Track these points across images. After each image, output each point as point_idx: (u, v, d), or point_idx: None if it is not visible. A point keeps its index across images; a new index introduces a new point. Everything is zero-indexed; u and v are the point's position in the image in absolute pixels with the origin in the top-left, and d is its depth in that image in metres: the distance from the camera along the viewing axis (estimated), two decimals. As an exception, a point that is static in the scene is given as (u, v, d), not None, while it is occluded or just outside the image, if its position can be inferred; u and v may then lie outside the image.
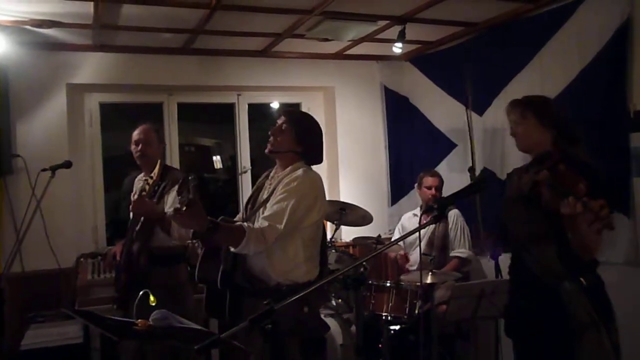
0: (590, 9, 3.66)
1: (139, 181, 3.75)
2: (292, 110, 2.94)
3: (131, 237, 3.50)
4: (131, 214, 3.65)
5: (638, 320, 3.17)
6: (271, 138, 2.80)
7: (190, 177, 2.35)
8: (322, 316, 3.23)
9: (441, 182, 4.53)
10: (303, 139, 2.78)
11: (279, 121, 2.82)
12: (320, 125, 2.97)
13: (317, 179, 2.76)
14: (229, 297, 2.74)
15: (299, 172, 2.70)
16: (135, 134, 3.64)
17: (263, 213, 2.67)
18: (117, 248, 3.74)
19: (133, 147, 3.65)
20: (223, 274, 2.72)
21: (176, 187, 3.46)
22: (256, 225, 2.60)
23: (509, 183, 2.77)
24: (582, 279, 2.47)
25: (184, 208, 2.28)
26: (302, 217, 2.65)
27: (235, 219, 3.00)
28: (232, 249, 2.62)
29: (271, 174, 2.89)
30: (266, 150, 2.83)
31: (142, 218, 3.46)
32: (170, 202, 3.46)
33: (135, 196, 3.54)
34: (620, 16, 3.46)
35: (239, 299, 2.72)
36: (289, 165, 2.78)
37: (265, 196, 2.77)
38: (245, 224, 2.59)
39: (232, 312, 2.72)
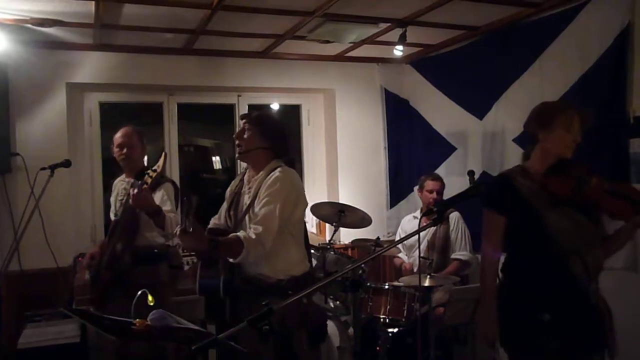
0: (591, 14, 3.67)
1: (121, 182, 3.79)
2: (250, 112, 3.07)
3: (115, 236, 3.52)
4: (112, 216, 3.71)
5: (636, 326, 3.17)
6: (237, 142, 2.87)
7: (193, 198, 2.39)
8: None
9: (443, 185, 4.54)
10: (267, 134, 2.85)
11: (240, 125, 2.91)
12: (282, 121, 3.09)
13: (295, 176, 2.85)
14: (229, 303, 2.81)
15: (277, 173, 2.75)
16: (118, 137, 3.68)
17: (251, 219, 2.72)
18: (94, 249, 3.75)
19: (116, 150, 3.69)
20: (225, 283, 2.78)
21: (162, 187, 3.49)
22: (249, 232, 2.64)
23: (521, 186, 2.66)
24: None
25: (191, 229, 2.37)
26: (290, 215, 2.73)
27: (211, 225, 3.04)
28: (232, 260, 2.67)
29: (245, 178, 2.93)
30: (236, 156, 2.91)
31: (126, 219, 3.50)
32: (158, 200, 3.48)
33: (120, 199, 3.59)
34: (621, 22, 3.46)
35: (238, 303, 2.78)
36: (262, 165, 2.84)
37: (247, 202, 2.82)
38: (240, 233, 2.64)
39: (232, 317, 2.77)
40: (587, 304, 2.56)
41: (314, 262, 4.06)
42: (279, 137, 2.92)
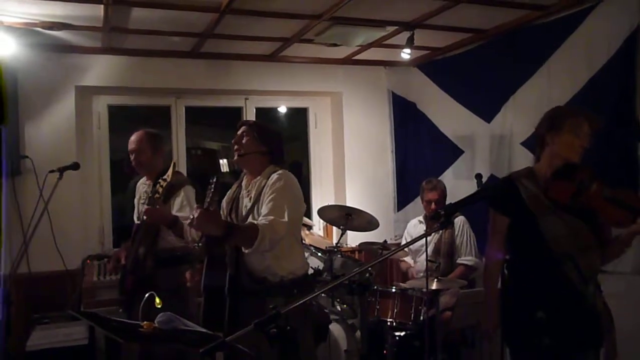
0: (599, 17, 3.65)
1: (142, 185, 3.77)
2: (248, 120, 3.13)
3: (138, 240, 3.52)
4: (135, 219, 3.68)
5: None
6: (235, 147, 2.93)
7: (216, 179, 2.42)
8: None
9: (442, 193, 4.50)
10: (265, 139, 2.93)
11: (239, 131, 2.97)
12: (281, 128, 3.13)
13: (295, 179, 2.90)
14: (229, 304, 2.81)
15: (279, 173, 2.82)
16: (129, 143, 3.68)
17: (256, 217, 2.75)
18: (121, 251, 3.75)
19: (130, 156, 3.69)
20: (230, 278, 2.80)
21: (182, 191, 3.49)
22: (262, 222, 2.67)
23: (523, 189, 2.72)
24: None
25: (211, 208, 2.48)
26: (293, 213, 2.77)
27: None
28: (246, 250, 2.68)
29: (243, 184, 2.97)
30: (234, 159, 2.95)
31: (147, 223, 3.48)
32: (177, 206, 3.47)
33: (143, 202, 3.58)
34: (629, 25, 3.45)
35: (239, 304, 2.80)
36: (259, 169, 2.90)
37: (248, 205, 2.86)
38: (255, 221, 2.68)
39: (231, 319, 2.79)
40: (583, 305, 2.60)
41: (321, 265, 4.07)
42: (276, 143, 2.99)
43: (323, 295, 3.92)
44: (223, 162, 6.43)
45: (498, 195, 2.83)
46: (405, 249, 4.64)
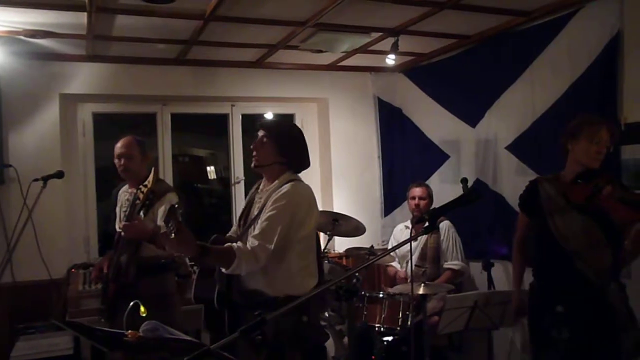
0: (581, 22, 3.69)
1: (124, 193, 3.73)
2: (270, 122, 3.00)
3: (120, 248, 3.49)
4: (117, 227, 3.65)
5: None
6: (254, 153, 2.82)
7: (176, 205, 2.36)
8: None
9: (428, 192, 4.56)
10: (285, 149, 2.80)
11: (259, 134, 2.83)
12: (301, 130, 3.01)
13: (307, 191, 2.79)
14: (228, 314, 2.79)
15: (287, 187, 2.69)
16: (117, 147, 3.62)
17: (254, 231, 2.67)
18: (104, 260, 3.72)
19: (116, 160, 3.63)
20: (219, 294, 2.77)
21: (165, 199, 3.45)
22: (248, 244, 2.60)
23: (542, 191, 2.98)
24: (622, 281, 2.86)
25: (172, 235, 2.32)
26: (294, 233, 2.65)
27: (229, 234, 3.01)
28: (223, 270, 2.65)
29: (260, 187, 2.89)
30: (252, 166, 2.85)
31: None
32: (160, 214, 3.43)
33: (125, 210, 3.54)
34: (611, 30, 3.49)
35: (238, 315, 2.75)
36: (276, 177, 2.79)
37: (255, 212, 2.77)
38: (235, 244, 2.59)
39: (231, 329, 2.74)
40: (598, 300, 2.78)
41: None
42: (298, 152, 2.89)
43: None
44: (210, 169, 6.41)
45: (522, 197, 3.16)
46: (392, 254, 4.65)
